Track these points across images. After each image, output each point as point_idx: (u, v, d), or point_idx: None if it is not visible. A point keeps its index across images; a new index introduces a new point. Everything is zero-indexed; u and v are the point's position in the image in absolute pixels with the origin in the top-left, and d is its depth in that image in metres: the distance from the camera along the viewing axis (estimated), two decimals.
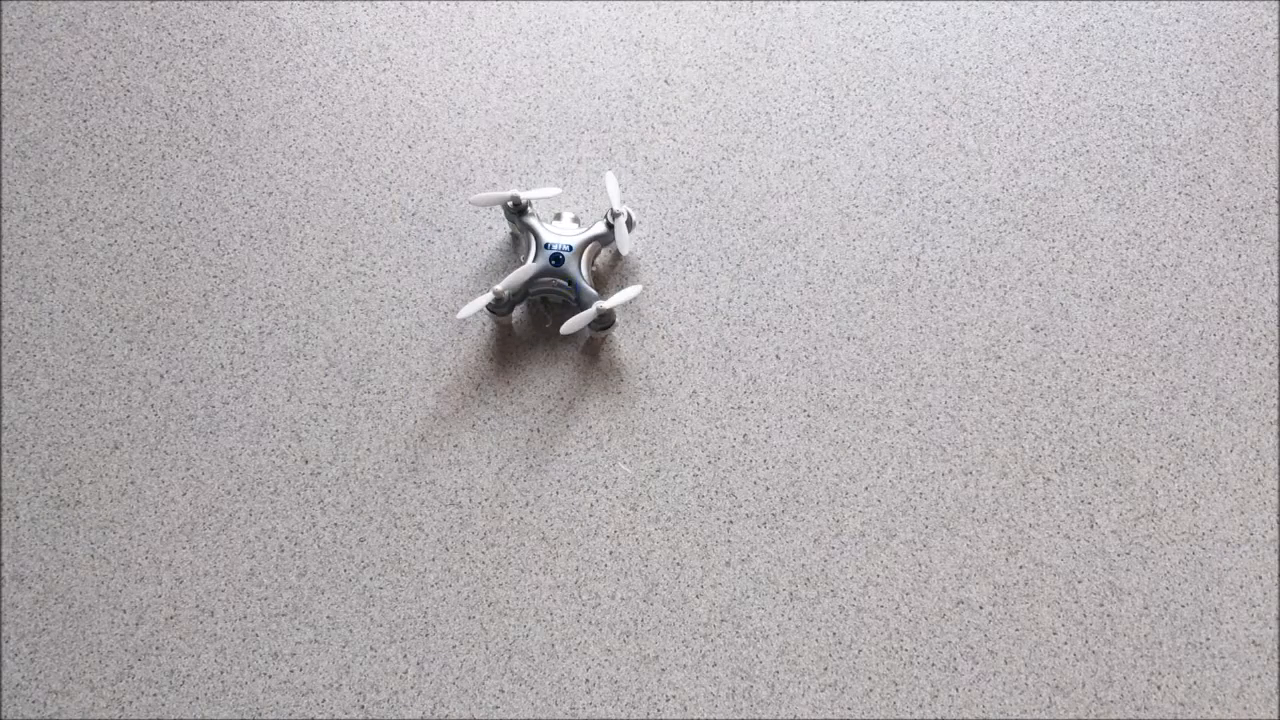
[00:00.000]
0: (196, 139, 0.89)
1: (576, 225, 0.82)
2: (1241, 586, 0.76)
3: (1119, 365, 0.82)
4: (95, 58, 0.91)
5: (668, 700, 0.74)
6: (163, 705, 0.73)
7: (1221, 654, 0.75)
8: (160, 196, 0.87)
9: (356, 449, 0.79)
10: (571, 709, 0.73)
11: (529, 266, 0.79)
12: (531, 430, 0.80)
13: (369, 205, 0.87)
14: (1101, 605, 0.76)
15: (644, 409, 0.81)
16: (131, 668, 0.74)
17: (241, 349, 0.82)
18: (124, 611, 0.75)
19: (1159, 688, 0.74)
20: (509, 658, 0.74)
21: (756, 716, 0.73)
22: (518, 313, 0.83)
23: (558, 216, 0.83)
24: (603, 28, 0.92)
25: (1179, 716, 0.74)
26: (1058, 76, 0.91)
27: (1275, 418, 0.80)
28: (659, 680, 0.74)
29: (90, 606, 0.75)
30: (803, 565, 0.77)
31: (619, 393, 0.81)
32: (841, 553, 0.77)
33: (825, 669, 0.75)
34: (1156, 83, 0.90)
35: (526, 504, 0.78)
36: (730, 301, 0.84)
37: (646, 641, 0.75)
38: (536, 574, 0.76)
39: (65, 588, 0.76)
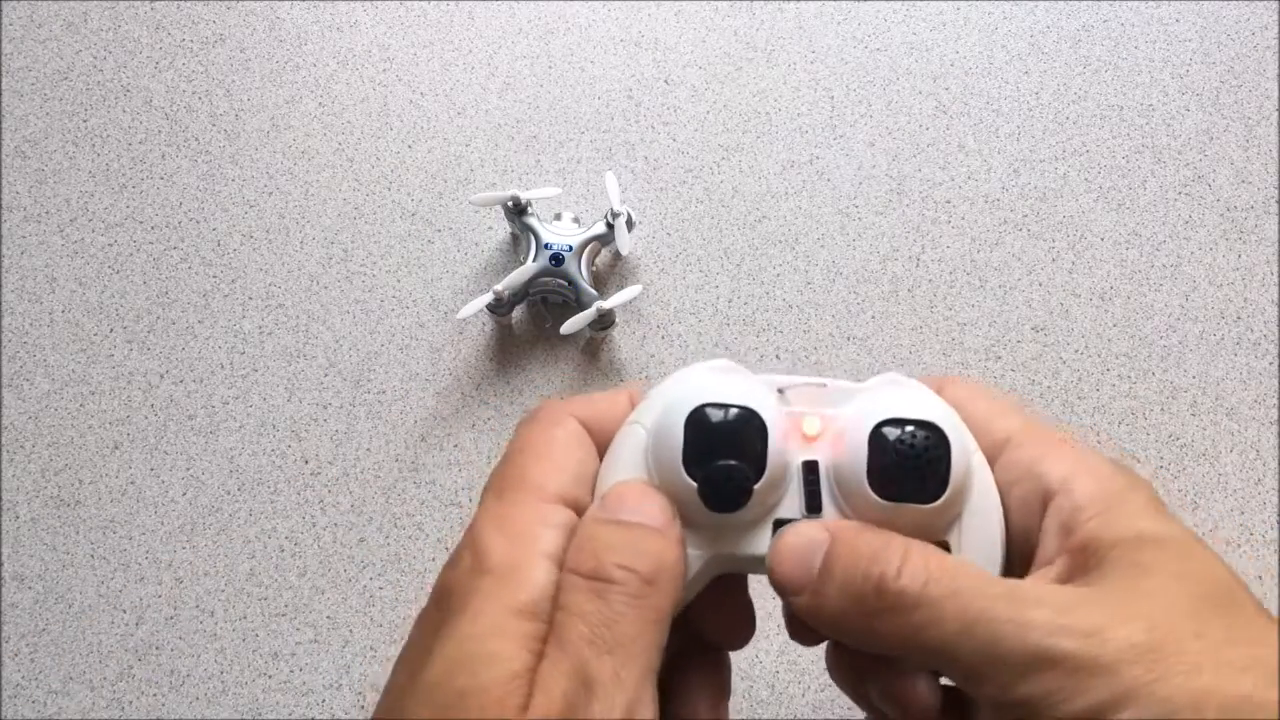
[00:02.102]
0: (196, 139, 0.89)
1: (576, 225, 0.82)
2: None
3: (1119, 365, 0.82)
4: (95, 58, 0.92)
5: None
6: (163, 705, 0.73)
7: None
8: (160, 196, 0.87)
9: (356, 449, 0.79)
10: None
11: (529, 266, 0.79)
12: None
13: (369, 205, 0.87)
14: None
15: None
16: (131, 668, 0.74)
17: (241, 349, 0.82)
18: (124, 611, 0.75)
19: None
20: None
21: (756, 716, 0.73)
22: (518, 313, 0.83)
23: (558, 216, 0.83)
24: (603, 28, 0.92)
25: None
26: (1058, 76, 0.91)
27: (1275, 418, 0.80)
28: None
29: (90, 606, 0.75)
30: None
31: None
32: None
33: (826, 669, 0.74)
34: (1156, 83, 0.90)
35: None
36: (730, 301, 0.84)
37: None
38: None
39: (65, 588, 0.76)
